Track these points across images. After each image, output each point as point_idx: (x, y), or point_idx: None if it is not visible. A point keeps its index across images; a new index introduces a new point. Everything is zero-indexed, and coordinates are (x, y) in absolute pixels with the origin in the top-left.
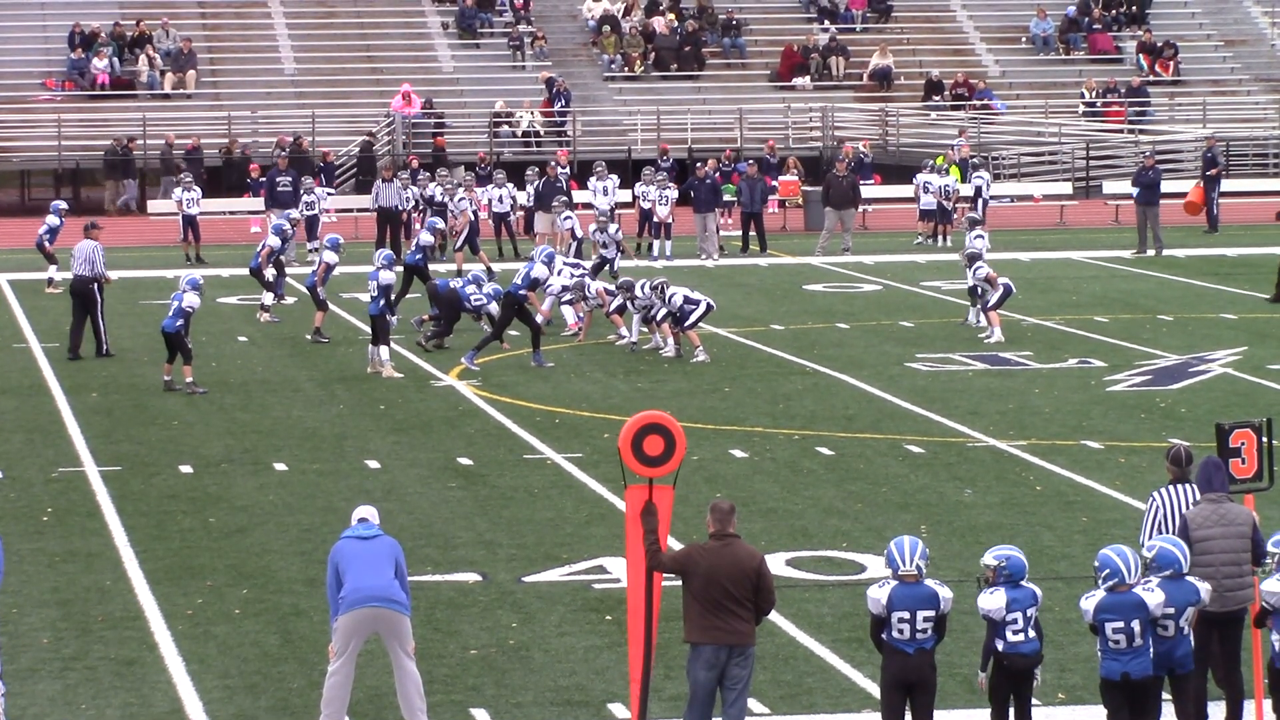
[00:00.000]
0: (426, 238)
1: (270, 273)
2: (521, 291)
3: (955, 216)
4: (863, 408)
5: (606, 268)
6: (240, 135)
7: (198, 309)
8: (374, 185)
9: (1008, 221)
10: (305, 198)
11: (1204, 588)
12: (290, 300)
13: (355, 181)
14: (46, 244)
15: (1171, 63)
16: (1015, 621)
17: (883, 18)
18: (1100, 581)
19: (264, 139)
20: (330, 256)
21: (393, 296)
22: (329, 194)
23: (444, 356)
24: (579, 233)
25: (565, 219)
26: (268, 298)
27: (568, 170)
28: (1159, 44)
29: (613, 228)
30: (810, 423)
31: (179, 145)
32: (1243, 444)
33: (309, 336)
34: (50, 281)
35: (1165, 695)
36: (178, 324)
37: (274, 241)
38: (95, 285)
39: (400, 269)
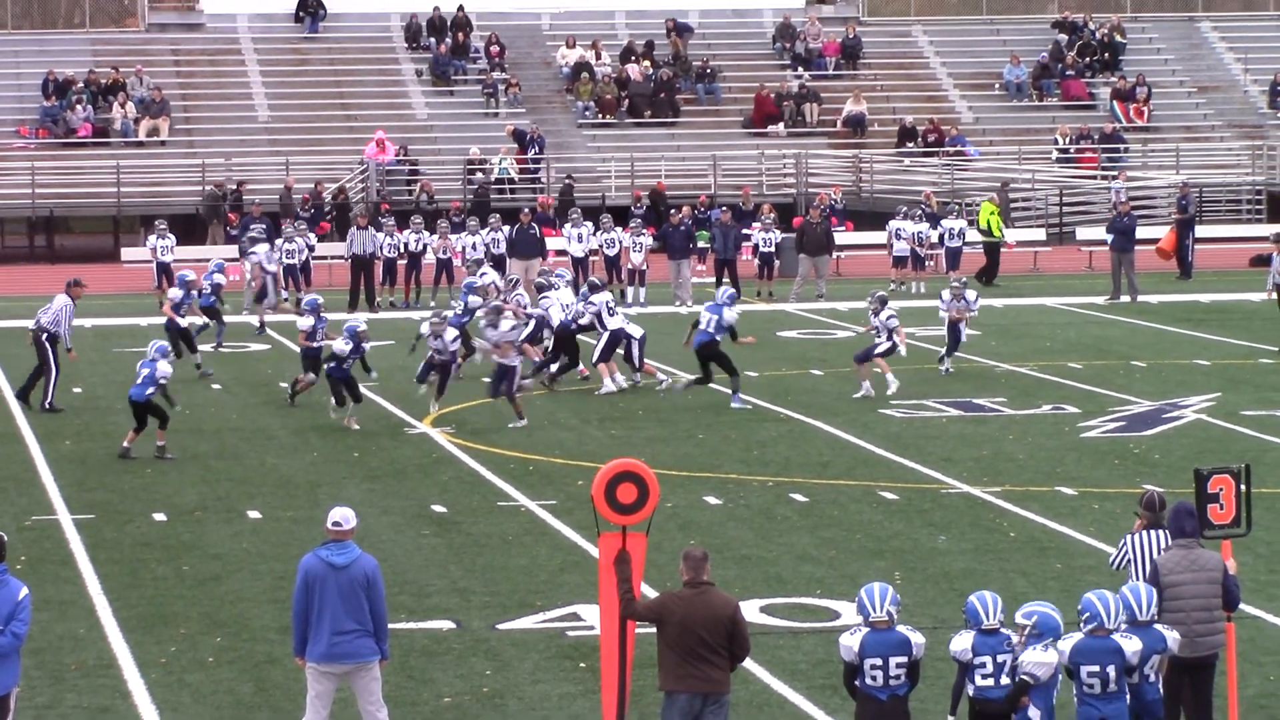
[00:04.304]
0: (474, 300)
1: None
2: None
3: (929, 263)
4: (837, 454)
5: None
6: (214, 182)
7: (170, 377)
8: (349, 232)
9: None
10: (292, 243)
11: (1172, 636)
12: (266, 347)
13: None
14: None
15: (1145, 108)
16: (984, 666)
17: (855, 64)
18: (1081, 625)
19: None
20: (304, 323)
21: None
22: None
23: (416, 404)
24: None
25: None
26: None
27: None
28: (1132, 90)
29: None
30: (784, 469)
31: (298, 190)
32: (1221, 490)
33: (284, 385)
34: None
35: None
36: (148, 392)
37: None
38: (48, 340)
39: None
